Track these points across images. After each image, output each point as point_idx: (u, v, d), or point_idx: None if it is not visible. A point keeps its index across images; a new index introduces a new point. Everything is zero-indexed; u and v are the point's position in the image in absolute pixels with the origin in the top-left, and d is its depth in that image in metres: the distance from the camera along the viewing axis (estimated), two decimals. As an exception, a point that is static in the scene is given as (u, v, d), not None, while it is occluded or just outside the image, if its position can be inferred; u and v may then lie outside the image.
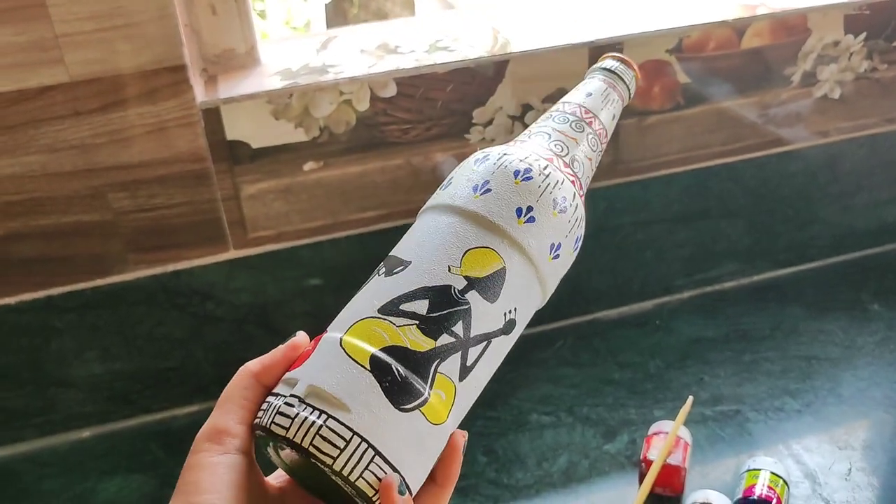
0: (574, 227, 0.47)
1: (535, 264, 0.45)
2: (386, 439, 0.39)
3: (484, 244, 0.44)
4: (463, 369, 0.42)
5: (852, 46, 0.91)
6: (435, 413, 0.41)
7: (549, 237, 0.45)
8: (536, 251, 0.45)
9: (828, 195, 1.01)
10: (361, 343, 0.41)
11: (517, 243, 0.44)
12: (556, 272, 0.47)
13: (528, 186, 0.45)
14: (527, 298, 0.45)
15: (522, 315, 0.45)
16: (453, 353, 0.42)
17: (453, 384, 0.42)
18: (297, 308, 0.87)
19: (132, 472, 0.83)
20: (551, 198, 0.45)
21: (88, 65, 0.69)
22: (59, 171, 0.74)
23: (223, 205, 0.79)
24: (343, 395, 0.39)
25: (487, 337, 0.43)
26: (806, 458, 0.79)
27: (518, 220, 0.45)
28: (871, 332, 0.95)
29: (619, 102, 0.54)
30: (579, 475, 0.79)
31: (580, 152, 0.50)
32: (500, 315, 0.44)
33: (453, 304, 0.42)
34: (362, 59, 0.81)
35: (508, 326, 0.44)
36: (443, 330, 0.42)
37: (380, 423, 0.39)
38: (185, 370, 0.87)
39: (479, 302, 0.43)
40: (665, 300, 1.01)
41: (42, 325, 0.81)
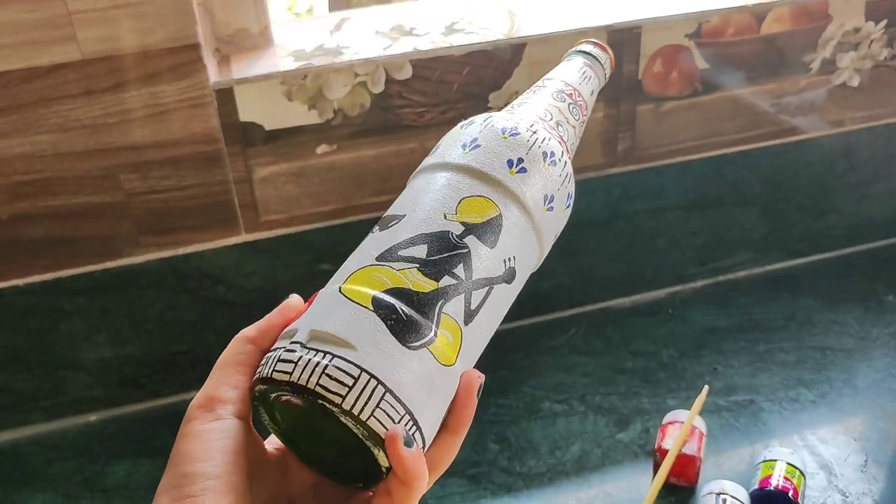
0: (565, 182, 0.47)
1: (530, 213, 0.45)
2: (396, 377, 0.38)
3: (478, 193, 0.44)
4: (468, 312, 0.41)
5: (873, 33, 0.90)
6: (443, 353, 0.39)
7: (542, 188, 0.46)
8: (531, 200, 0.45)
9: (844, 185, 1.00)
10: (362, 287, 0.40)
11: (511, 192, 0.44)
12: (550, 224, 0.47)
13: (517, 140, 0.46)
14: (524, 249, 0.45)
15: (522, 267, 0.45)
16: (456, 295, 0.41)
17: (459, 327, 0.41)
18: (308, 293, 0.85)
19: (141, 456, 0.82)
20: (540, 150, 0.46)
21: (101, 42, 0.68)
22: (70, 151, 0.73)
23: (235, 187, 0.79)
24: (347, 335, 0.38)
25: (490, 282, 0.42)
26: (821, 449, 0.78)
27: (510, 170, 0.45)
28: (887, 323, 0.94)
29: (597, 81, 0.56)
30: (592, 464, 0.78)
31: (563, 119, 0.51)
32: (501, 262, 0.43)
33: (452, 248, 0.42)
34: (377, 40, 0.79)
35: (509, 274, 0.44)
36: (444, 272, 0.41)
37: (388, 360, 0.38)
38: (195, 355, 0.86)
39: (478, 246, 0.43)
40: (678, 289, 1.00)
41: (51, 308, 0.80)
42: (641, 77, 0.85)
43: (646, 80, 0.85)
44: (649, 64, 0.84)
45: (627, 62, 0.83)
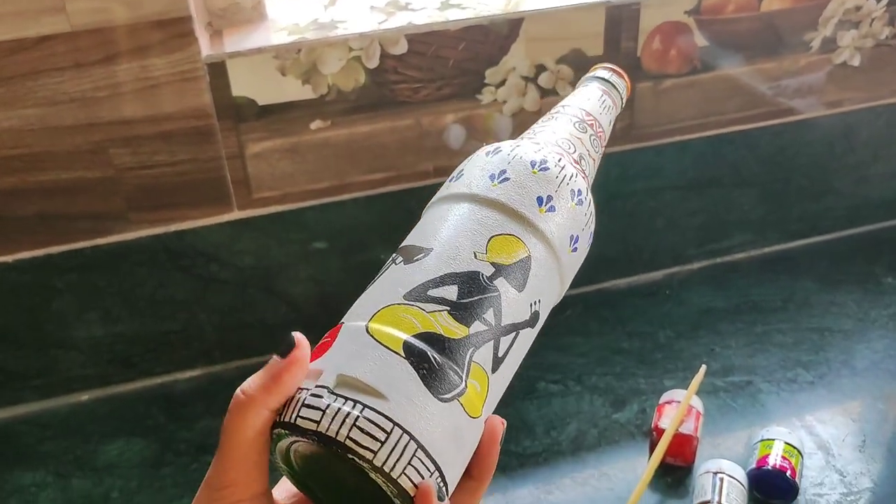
0: (589, 221, 0.46)
1: (556, 255, 0.43)
2: (428, 432, 0.36)
3: (508, 231, 0.42)
4: (495, 360, 0.39)
5: (874, 12, 0.89)
6: (472, 405, 0.37)
7: (569, 228, 0.44)
8: (558, 241, 0.43)
9: (844, 165, 0.99)
10: (391, 329, 0.38)
11: (540, 232, 0.42)
12: (572, 266, 0.45)
13: (546, 176, 0.44)
14: (548, 291, 0.43)
15: (545, 308, 0.43)
16: (486, 342, 0.39)
17: (487, 375, 0.39)
18: (302, 272, 0.85)
19: (133, 435, 0.81)
20: (568, 189, 0.44)
21: (91, 14, 0.67)
22: (59, 125, 0.72)
23: (227, 164, 0.77)
24: (378, 384, 0.36)
25: (516, 328, 0.40)
26: (819, 429, 0.78)
27: (539, 208, 0.43)
28: (885, 304, 0.93)
29: (614, 109, 0.54)
30: (588, 444, 0.78)
31: (585, 151, 0.49)
32: (527, 306, 0.41)
33: (483, 291, 0.40)
34: (372, 15, 0.78)
35: (534, 319, 0.42)
36: (475, 317, 0.39)
37: (420, 414, 0.36)
38: (188, 333, 0.86)
39: (508, 290, 0.41)
40: (675, 270, 0.99)
41: (41, 285, 0.79)
42: (640, 54, 0.84)
43: (644, 58, 0.84)
44: (648, 41, 0.83)
45: (626, 39, 0.82)
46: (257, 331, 0.87)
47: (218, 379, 0.87)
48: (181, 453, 0.79)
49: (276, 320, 0.87)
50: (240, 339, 0.87)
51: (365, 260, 0.85)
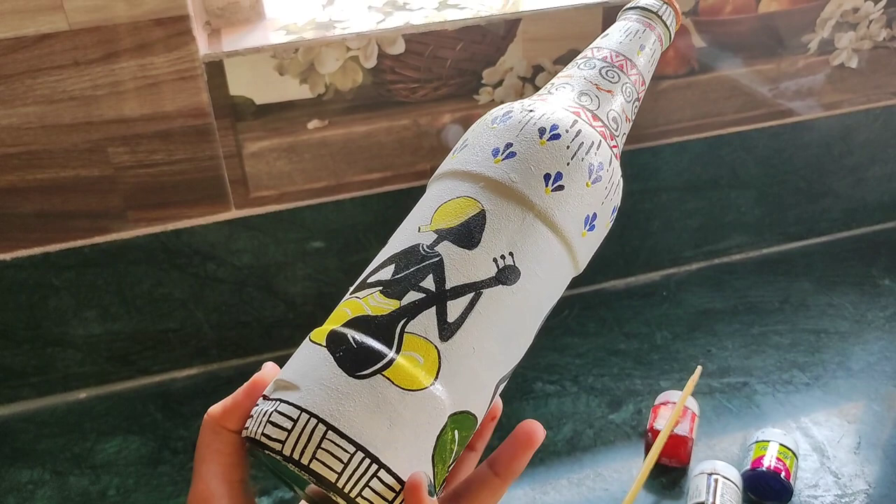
0: (610, 195, 0.41)
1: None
2: (340, 411, 0.34)
3: (458, 194, 0.39)
4: (443, 326, 0.36)
5: (872, 13, 0.89)
6: (406, 377, 0.35)
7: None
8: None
9: (841, 167, 0.99)
10: (326, 326, 0.37)
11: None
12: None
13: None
14: (533, 249, 0.38)
15: (533, 263, 0.38)
16: (424, 309, 0.36)
17: (432, 344, 0.36)
18: (299, 271, 0.86)
19: (130, 433, 0.81)
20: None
21: (89, 13, 0.67)
22: (58, 124, 0.72)
23: (225, 162, 0.78)
24: (295, 377, 0.36)
25: (473, 287, 0.37)
26: (814, 431, 0.78)
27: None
28: (882, 306, 0.93)
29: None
30: (584, 444, 0.78)
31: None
32: (489, 262, 0.37)
33: (420, 261, 0.37)
34: (370, 15, 0.78)
35: (505, 275, 0.37)
36: (409, 288, 0.36)
37: (331, 395, 0.34)
38: (186, 332, 0.86)
39: (452, 251, 0.37)
40: (673, 271, 1.00)
41: (39, 283, 0.79)
42: (638, 55, 0.84)
43: (642, 59, 0.84)
44: (646, 42, 0.83)
45: (623, 40, 0.82)
46: (255, 329, 0.88)
47: (215, 377, 0.87)
48: (178, 451, 0.79)
49: (273, 319, 0.88)
50: (237, 338, 0.88)
51: (362, 259, 0.84)
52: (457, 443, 0.37)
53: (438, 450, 0.36)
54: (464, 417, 0.36)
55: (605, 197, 0.40)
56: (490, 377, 0.37)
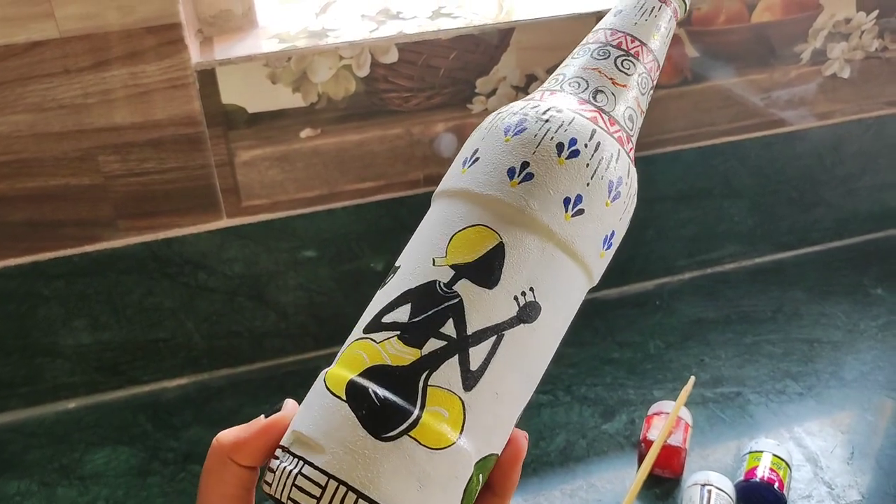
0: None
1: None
2: (369, 478, 0.33)
3: (474, 222, 0.36)
4: (467, 375, 0.34)
5: (864, 24, 0.89)
6: (433, 435, 0.33)
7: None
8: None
9: (833, 177, 0.99)
10: (341, 371, 0.35)
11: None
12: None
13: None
14: (552, 277, 0.36)
15: (554, 296, 0.36)
16: (447, 359, 0.34)
17: (457, 396, 0.34)
18: (291, 280, 0.85)
19: (119, 444, 0.81)
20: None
21: (80, 20, 0.67)
22: (48, 132, 0.71)
23: (217, 171, 0.77)
24: (318, 435, 0.34)
25: (494, 330, 0.35)
26: (808, 441, 0.78)
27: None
28: (874, 316, 0.93)
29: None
30: (577, 454, 0.77)
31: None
32: (509, 300, 0.35)
33: (439, 302, 0.35)
34: (363, 23, 0.78)
35: (526, 313, 0.35)
36: (429, 335, 0.34)
37: (359, 460, 0.33)
38: (176, 341, 0.85)
39: (472, 291, 0.35)
40: (666, 280, 0.99)
41: (28, 292, 0.78)
42: (631, 65, 0.84)
43: (635, 68, 0.84)
44: (639, 51, 0.83)
45: (617, 49, 0.82)
46: (246, 339, 0.87)
47: (206, 387, 0.87)
48: (168, 462, 0.79)
49: (264, 329, 0.87)
50: (228, 347, 0.87)
51: (354, 269, 0.84)
52: (480, 483, 0.36)
53: (467, 498, 0.35)
54: (487, 460, 0.36)
55: (623, 212, 0.38)
56: (512, 415, 0.36)
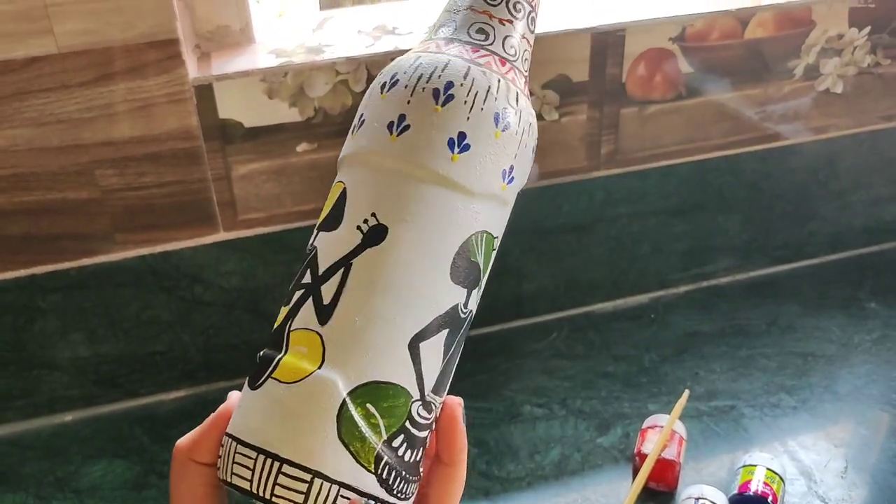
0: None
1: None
2: (244, 423, 0.36)
3: (336, 181, 0.39)
4: (320, 311, 0.36)
5: (856, 40, 0.90)
6: (290, 371, 0.35)
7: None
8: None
9: (827, 192, 1.00)
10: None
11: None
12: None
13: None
14: (397, 196, 0.36)
15: (401, 214, 0.36)
16: (303, 304, 0.36)
17: (314, 332, 0.36)
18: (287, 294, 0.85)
19: (116, 457, 0.81)
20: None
21: (78, 36, 0.68)
22: (46, 146, 0.72)
23: (214, 185, 0.78)
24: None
25: (342, 262, 0.36)
26: (801, 455, 0.78)
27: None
28: (868, 329, 0.94)
29: None
30: (572, 468, 0.78)
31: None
32: (352, 231, 0.36)
33: (304, 260, 0.38)
34: (359, 39, 0.79)
35: (371, 237, 0.36)
36: (294, 290, 0.37)
37: (239, 413, 0.37)
38: (173, 355, 0.85)
39: (324, 238, 0.37)
40: (661, 294, 1.00)
41: (26, 305, 0.79)
42: (625, 80, 0.85)
43: (629, 84, 0.85)
44: (633, 67, 0.84)
45: (611, 65, 0.83)
46: (243, 352, 0.87)
47: (203, 400, 0.87)
48: (164, 475, 0.79)
49: (262, 341, 0.86)
50: (225, 360, 0.87)
51: (351, 282, 0.85)
52: (378, 416, 0.36)
53: (345, 428, 0.35)
54: (374, 389, 0.36)
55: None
56: (391, 339, 0.36)
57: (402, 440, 0.36)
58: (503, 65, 0.39)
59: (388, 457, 0.36)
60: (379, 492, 0.35)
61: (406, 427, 0.36)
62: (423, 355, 0.37)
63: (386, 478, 0.36)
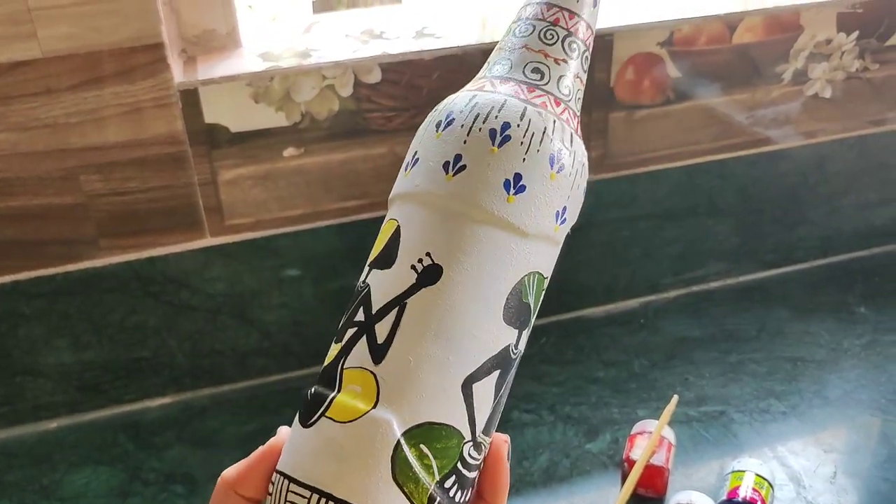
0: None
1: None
2: (297, 461, 0.36)
3: (388, 218, 0.38)
4: (374, 349, 0.36)
5: (844, 45, 0.90)
6: (344, 410, 0.35)
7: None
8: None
9: (817, 196, 1.00)
10: None
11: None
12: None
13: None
14: (452, 237, 0.36)
15: (455, 254, 0.36)
16: (357, 342, 0.36)
17: (368, 370, 0.36)
18: (274, 299, 0.85)
19: (101, 464, 0.80)
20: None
21: (62, 40, 0.67)
22: (30, 151, 0.71)
23: (200, 190, 0.77)
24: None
25: (396, 301, 0.36)
26: (791, 460, 0.78)
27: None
28: (858, 334, 0.93)
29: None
30: (560, 474, 0.77)
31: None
32: (406, 270, 0.36)
33: (355, 298, 0.37)
34: (347, 43, 0.79)
35: (426, 276, 0.36)
36: (346, 328, 0.37)
37: (291, 450, 0.36)
38: (159, 360, 0.85)
39: (377, 277, 0.37)
40: (651, 299, 1.00)
41: (9, 312, 0.78)
42: (613, 85, 0.84)
43: (618, 88, 0.85)
44: (621, 72, 0.84)
45: (599, 70, 0.83)
46: (229, 358, 0.87)
47: (189, 406, 0.86)
48: (149, 483, 0.78)
49: (248, 348, 0.87)
50: (211, 366, 0.87)
51: (338, 287, 0.84)
52: (431, 457, 0.36)
53: (400, 469, 0.35)
54: (428, 430, 0.36)
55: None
56: (445, 380, 0.36)
57: (453, 481, 0.36)
58: (558, 105, 0.39)
59: (441, 498, 0.36)
60: None
61: (458, 468, 0.36)
62: (475, 397, 0.37)
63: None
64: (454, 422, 0.36)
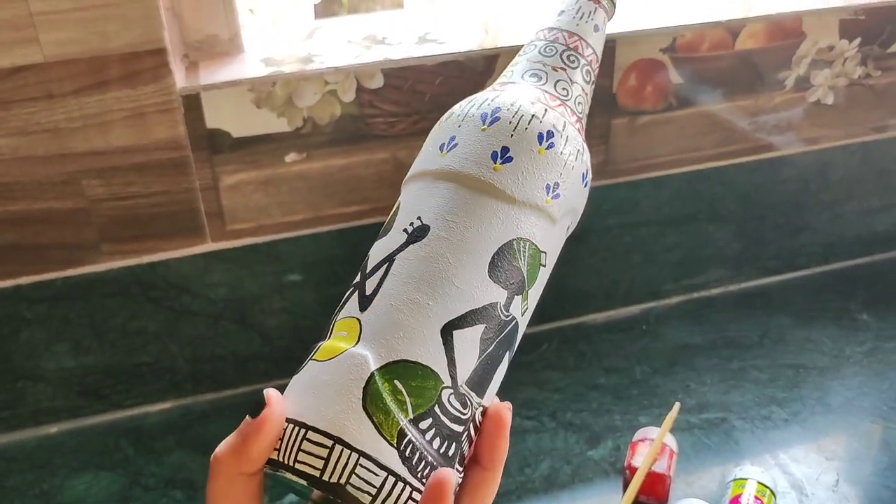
0: (570, 163, 0.42)
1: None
2: (289, 402, 0.37)
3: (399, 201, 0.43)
4: (363, 299, 0.39)
5: (847, 52, 0.90)
6: (328, 351, 0.38)
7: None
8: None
9: (819, 203, 1.00)
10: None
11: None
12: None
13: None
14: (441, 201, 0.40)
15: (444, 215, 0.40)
16: (349, 298, 0.40)
17: (355, 318, 0.38)
18: (275, 304, 0.85)
19: (101, 469, 0.80)
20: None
21: (64, 45, 0.67)
22: (31, 156, 0.71)
23: (201, 195, 0.77)
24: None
25: (386, 259, 0.39)
26: (793, 468, 0.78)
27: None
28: (860, 341, 0.93)
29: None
30: (561, 481, 0.77)
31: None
32: (399, 233, 0.40)
33: (358, 268, 0.42)
34: (349, 49, 0.78)
35: (414, 235, 0.40)
36: (350, 291, 0.41)
37: (288, 395, 0.38)
38: (159, 366, 0.85)
39: (375, 245, 0.41)
40: (652, 305, 0.99)
41: (10, 316, 0.78)
42: (616, 91, 0.84)
43: (620, 94, 0.85)
44: (623, 78, 0.84)
45: (602, 75, 0.83)
46: (230, 363, 0.87)
47: (189, 411, 0.86)
48: (150, 488, 0.78)
49: (249, 353, 0.87)
50: (212, 372, 0.86)
51: (339, 293, 0.83)
52: (405, 393, 0.37)
53: (370, 399, 0.36)
54: (403, 367, 0.37)
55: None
56: (423, 323, 0.38)
57: (430, 424, 0.37)
58: (553, 100, 0.44)
59: (413, 436, 0.36)
60: (401, 469, 0.35)
61: (435, 411, 0.37)
62: (456, 344, 0.38)
63: (409, 456, 0.36)
64: (432, 364, 0.38)
